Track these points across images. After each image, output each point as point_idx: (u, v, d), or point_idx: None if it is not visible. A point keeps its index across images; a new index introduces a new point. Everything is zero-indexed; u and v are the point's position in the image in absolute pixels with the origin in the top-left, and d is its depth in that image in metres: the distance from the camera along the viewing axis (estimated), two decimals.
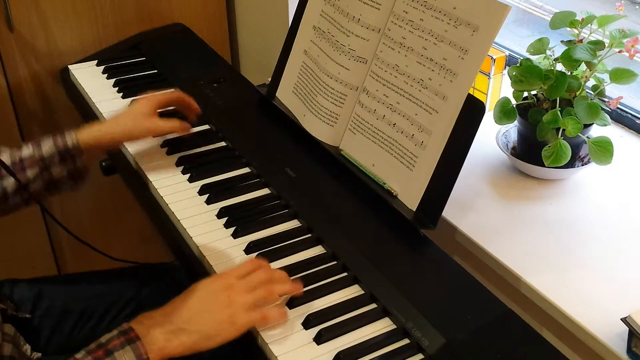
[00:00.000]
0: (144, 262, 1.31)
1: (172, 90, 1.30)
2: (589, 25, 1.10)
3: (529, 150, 1.15)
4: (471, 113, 0.98)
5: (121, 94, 1.46)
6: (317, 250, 1.02)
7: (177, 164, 1.21)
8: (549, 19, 1.13)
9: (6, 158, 1.09)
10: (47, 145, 1.11)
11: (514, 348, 0.85)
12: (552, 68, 1.10)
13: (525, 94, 1.15)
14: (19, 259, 1.79)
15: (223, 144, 1.28)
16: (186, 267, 1.06)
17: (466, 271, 0.96)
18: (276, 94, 1.32)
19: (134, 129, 1.18)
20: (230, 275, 0.91)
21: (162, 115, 1.23)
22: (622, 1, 1.11)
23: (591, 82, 1.12)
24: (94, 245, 1.20)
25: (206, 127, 1.33)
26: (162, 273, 1.34)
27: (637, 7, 1.27)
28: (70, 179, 1.14)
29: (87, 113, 1.46)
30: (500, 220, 1.08)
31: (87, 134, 1.14)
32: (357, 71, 1.15)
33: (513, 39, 1.48)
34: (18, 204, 1.12)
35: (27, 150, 1.11)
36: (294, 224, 1.07)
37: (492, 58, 1.28)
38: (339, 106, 1.17)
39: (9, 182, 1.08)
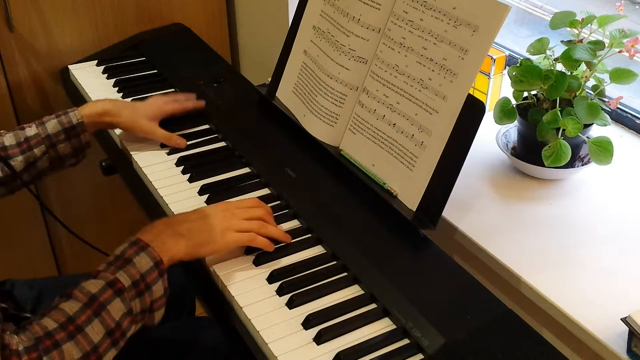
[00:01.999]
0: None
1: (178, 97, 1.34)
2: (589, 25, 1.10)
3: (529, 150, 1.15)
4: (471, 113, 0.98)
5: (121, 94, 1.46)
6: (317, 250, 1.02)
7: (177, 164, 1.22)
8: (549, 19, 1.13)
9: (10, 139, 1.14)
10: (52, 124, 1.17)
11: (514, 348, 0.85)
12: (552, 68, 1.10)
13: (525, 94, 1.15)
14: (20, 260, 1.79)
15: (223, 144, 1.28)
16: (185, 267, 1.06)
17: (466, 271, 0.96)
18: (276, 94, 1.32)
19: (135, 125, 1.24)
20: (232, 203, 1.03)
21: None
22: (622, 1, 1.11)
23: (591, 82, 1.12)
24: (94, 244, 1.21)
25: (206, 127, 1.33)
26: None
27: (637, 7, 1.27)
28: (74, 154, 1.20)
29: None
30: (500, 220, 1.08)
31: (91, 110, 1.21)
32: (357, 71, 1.15)
33: (513, 39, 1.48)
34: (27, 182, 1.17)
35: (31, 130, 1.16)
36: (294, 224, 1.07)
37: (492, 58, 1.28)
38: (339, 106, 1.17)
39: (18, 160, 1.13)
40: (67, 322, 0.81)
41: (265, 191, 1.15)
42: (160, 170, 1.20)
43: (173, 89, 1.47)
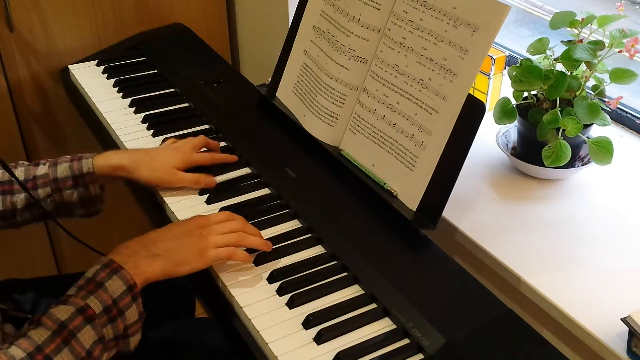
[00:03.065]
0: None
1: (211, 143, 1.22)
2: (589, 25, 1.10)
3: (529, 150, 1.15)
4: (471, 113, 0.98)
5: (121, 94, 1.45)
6: (317, 250, 1.02)
7: None
8: (549, 19, 1.13)
9: (20, 173, 1.09)
10: (63, 167, 1.10)
11: (514, 348, 0.85)
12: (552, 68, 1.10)
13: (525, 94, 1.15)
14: (19, 260, 1.79)
15: (223, 144, 1.28)
16: None
17: (466, 271, 0.96)
18: (276, 94, 1.32)
19: (154, 181, 1.14)
20: (207, 217, 1.00)
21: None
22: (622, 1, 1.11)
23: (591, 82, 1.12)
24: (94, 245, 1.20)
25: (206, 127, 1.33)
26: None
27: (637, 7, 1.27)
28: (82, 205, 1.13)
29: (87, 113, 1.47)
30: (500, 220, 1.08)
31: (105, 162, 1.12)
32: (357, 71, 1.15)
33: (513, 39, 1.48)
34: (27, 220, 1.12)
35: (42, 169, 1.10)
36: (294, 224, 1.07)
37: (492, 58, 1.28)
38: (339, 106, 1.17)
39: (19, 198, 1.08)
40: (35, 351, 0.79)
41: (265, 191, 1.15)
42: None
43: (173, 89, 1.47)
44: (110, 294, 0.86)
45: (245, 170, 1.20)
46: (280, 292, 0.94)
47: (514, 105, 1.14)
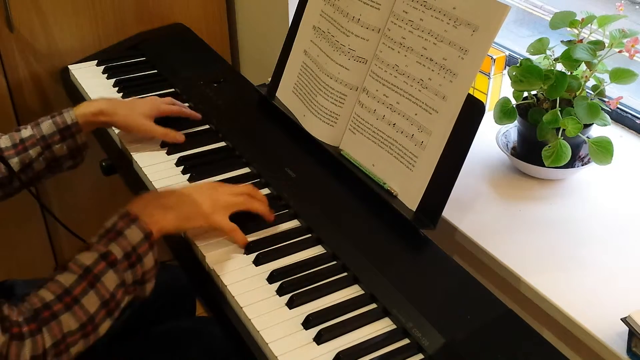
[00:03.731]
0: None
1: (173, 101, 1.33)
2: (589, 25, 1.11)
3: (529, 150, 1.15)
4: (471, 113, 0.98)
5: (121, 94, 1.45)
6: (317, 250, 1.02)
7: (177, 164, 1.21)
8: (549, 19, 1.13)
9: (6, 141, 1.13)
10: (47, 125, 1.16)
11: (514, 348, 0.85)
12: (552, 68, 1.10)
13: (525, 94, 1.15)
14: (19, 260, 1.79)
15: (223, 144, 1.28)
16: (185, 266, 1.06)
17: (466, 271, 0.96)
18: (276, 94, 1.32)
19: (131, 123, 1.23)
20: (217, 182, 1.07)
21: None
22: (622, 1, 1.11)
23: (591, 82, 1.12)
24: None
25: (206, 127, 1.33)
26: (161, 272, 1.35)
27: (637, 7, 1.27)
28: (70, 156, 1.19)
29: None
30: (500, 220, 1.08)
31: (86, 110, 1.20)
32: (357, 71, 1.15)
33: (513, 39, 1.48)
34: (22, 186, 1.16)
35: (26, 131, 1.15)
36: (294, 224, 1.07)
37: (492, 58, 1.28)
38: (339, 106, 1.17)
39: (14, 162, 1.12)
40: (63, 293, 0.83)
41: (265, 191, 1.15)
42: (160, 170, 1.20)
43: (173, 89, 1.47)
44: (130, 241, 0.90)
45: (245, 170, 1.20)
46: (280, 292, 0.94)
47: (514, 105, 1.14)
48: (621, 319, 0.85)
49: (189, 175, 1.18)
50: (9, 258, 1.77)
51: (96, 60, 1.60)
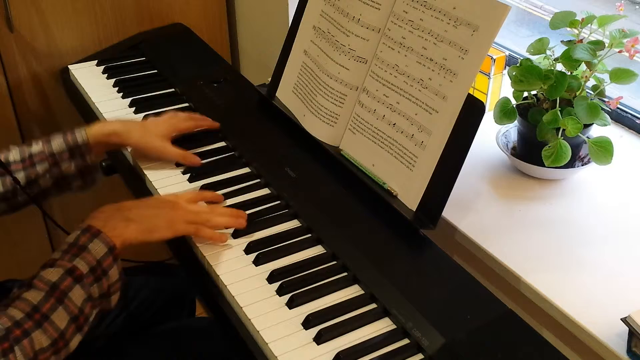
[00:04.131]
0: (143, 261, 1.31)
1: (194, 115, 1.30)
2: (589, 25, 1.10)
3: (529, 150, 1.15)
4: (471, 113, 0.98)
5: (121, 94, 1.45)
6: (317, 250, 1.02)
7: (177, 164, 1.21)
8: (549, 19, 1.13)
9: (15, 154, 1.12)
10: (57, 142, 1.14)
11: (514, 348, 0.85)
12: (552, 68, 1.10)
13: (525, 94, 1.15)
14: (20, 260, 1.79)
15: (223, 144, 1.28)
16: (185, 266, 1.06)
17: (466, 271, 0.96)
18: (276, 94, 1.32)
19: (145, 145, 1.20)
20: (179, 196, 1.06)
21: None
22: (622, 1, 1.11)
23: (591, 82, 1.12)
24: None
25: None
26: (162, 271, 1.35)
27: (637, 7, 1.27)
28: (80, 176, 1.16)
29: (87, 113, 1.46)
30: (500, 220, 1.07)
31: (98, 130, 1.17)
32: (357, 71, 1.15)
33: (513, 39, 1.48)
34: (27, 201, 1.14)
35: (36, 147, 1.13)
36: (294, 224, 1.07)
37: (492, 58, 1.28)
38: (339, 106, 1.17)
39: (19, 176, 1.11)
40: (32, 311, 0.83)
41: (265, 191, 1.15)
42: (160, 170, 1.20)
43: (173, 89, 1.47)
44: (94, 255, 0.90)
45: (245, 170, 1.20)
46: (280, 292, 0.94)
47: (514, 105, 1.14)
48: (621, 319, 0.85)
49: (188, 175, 1.18)
50: (9, 258, 1.77)
51: (96, 60, 1.60)
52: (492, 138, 1.20)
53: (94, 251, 0.90)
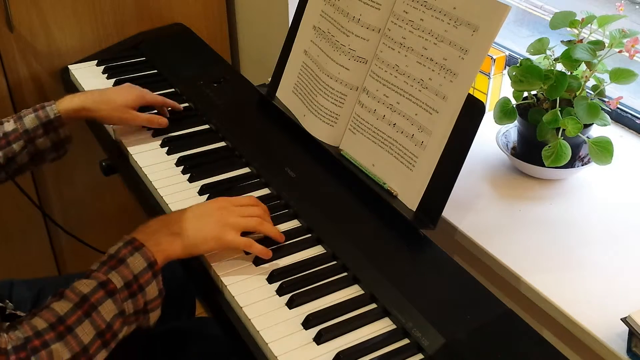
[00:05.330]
0: None
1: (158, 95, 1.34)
2: (589, 25, 1.11)
3: (529, 150, 1.15)
4: (471, 113, 0.98)
5: None
6: (317, 250, 1.02)
7: (177, 164, 1.21)
8: (549, 19, 1.13)
9: None
10: (30, 119, 1.16)
11: (514, 348, 0.85)
12: (552, 68, 1.10)
13: (525, 94, 1.15)
14: (20, 260, 1.79)
15: (223, 144, 1.28)
16: (185, 267, 1.06)
17: (466, 271, 0.96)
18: (276, 94, 1.32)
19: (114, 116, 1.25)
20: (228, 200, 1.02)
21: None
22: (622, 1, 1.11)
23: (591, 82, 1.12)
24: (94, 245, 1.21)
25: (206, 127, 1.33)
26: (162, 271, 1.34)
27: (637, 7, 1.27)
28: (54, 149, 1.20)
29: None
30: (500, 220, 1.08)
31: (68, 105, 1.20)
32: (357, 71, 1.15)
33: (513, 39, 1.48)
34: (4, 178, 1.17)
35: (9, 125, 1.15)
36: (294, 224, 1.07)
37: (492, 58, 1.28)
38: (339, 106, 1.17)
39: None
40: (57, 322, 0.81)
41: (265, 191, 1.15)
42: (160, 170, 1.20)
43: (173, 89, 1.47)
44: (132, 270, 0.88)
45: (245, 170, 1.20)
46: (280, 292, 0.94)
47: (514, 105, 1.14)
48: (621, 319, 0.85)
49: (188, 175, 1.18)
50: (9, 258, 1.77)
51: (96, 60, 1.60)
52: (492, 138, 1.20)
53: (133, 265, 0.88)
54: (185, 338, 1.19)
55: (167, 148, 1.25)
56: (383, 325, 0.89)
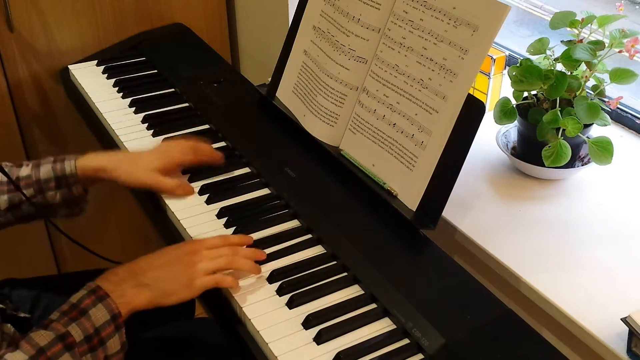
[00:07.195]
0: None
1: (201, 146, 1.20)
2: (589, 25, 1.10)
3: (529, 150, 1.15)
4: (471, 113, 0.98)
5: (121, 93, 1.45)
6: (317, 250, 1.02)
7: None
8: (549, 19, 1.13)
9: (2, 176, 1.09)
10: (45, 169, 1.10)
11: (514, 348, 0.85)
12: (552, 68, 1.10)
13: (525, 94, 1.15)
14: (19, 259, 1.79)
15: (223, 144, 1.28)
16: None
17: (466, 271, 0.96)
18: (276, 94, 1.32)
19: (133, 182, 1.13)
20: (199, 242, 0.98)
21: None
22: (622, 1, 1.11)
23: (591, 82, 1.12)
24: (94, 245, 1.20)
25: (206, 127, 1.33)
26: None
27: (637, 7, 1.27)
28: (65, 205, 1.13)
29: (87, 113, 1.47)
30: (500, 220, 1.08)
31: (87, 163, 1.12)
32: (357, 71, 1.15)
33: (513, 39, 1.48)
34: (9, 222, 1.12)
35: (25, 170, 1.11)
36: (294, 224, 1.07)
37: (492, 58, 1.28)
38: (339, 106, 1.17)
39: (2, 199, 1.09)
40: None
41: (265, 191, 1.15)
42: None
43: (173, 89, 1.47)
44: (93, 323, 0.85)
45: (245, 170, 1.20)
46: (280, 292, 0.94)
47: (514, 105, 1.14)
48: (621, 319, 0.85)
49: (188, 175, 1.18)
50: (9, 258, 1.77)
51: (96, 60, 1.60)
52: (492, 138, 1.20)
53: (94, 317, 0.84)
54: (185, 338, 1.19)
55: None
56: (383, 325, 0.89)
